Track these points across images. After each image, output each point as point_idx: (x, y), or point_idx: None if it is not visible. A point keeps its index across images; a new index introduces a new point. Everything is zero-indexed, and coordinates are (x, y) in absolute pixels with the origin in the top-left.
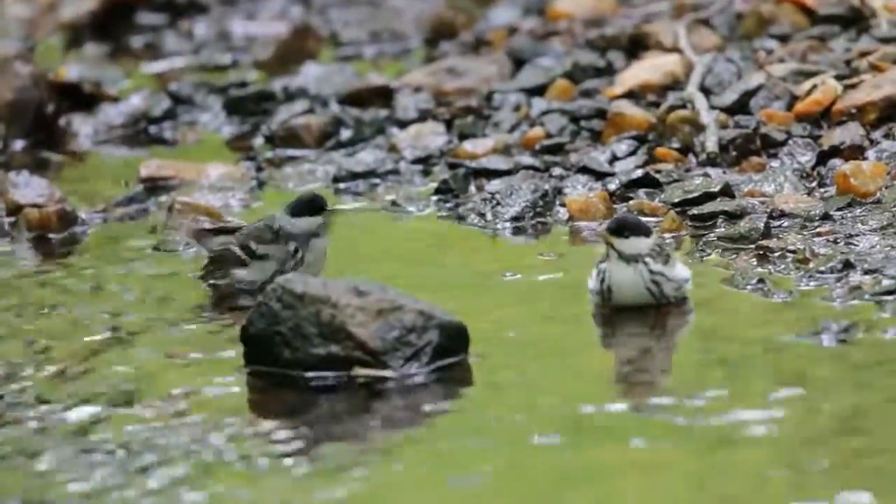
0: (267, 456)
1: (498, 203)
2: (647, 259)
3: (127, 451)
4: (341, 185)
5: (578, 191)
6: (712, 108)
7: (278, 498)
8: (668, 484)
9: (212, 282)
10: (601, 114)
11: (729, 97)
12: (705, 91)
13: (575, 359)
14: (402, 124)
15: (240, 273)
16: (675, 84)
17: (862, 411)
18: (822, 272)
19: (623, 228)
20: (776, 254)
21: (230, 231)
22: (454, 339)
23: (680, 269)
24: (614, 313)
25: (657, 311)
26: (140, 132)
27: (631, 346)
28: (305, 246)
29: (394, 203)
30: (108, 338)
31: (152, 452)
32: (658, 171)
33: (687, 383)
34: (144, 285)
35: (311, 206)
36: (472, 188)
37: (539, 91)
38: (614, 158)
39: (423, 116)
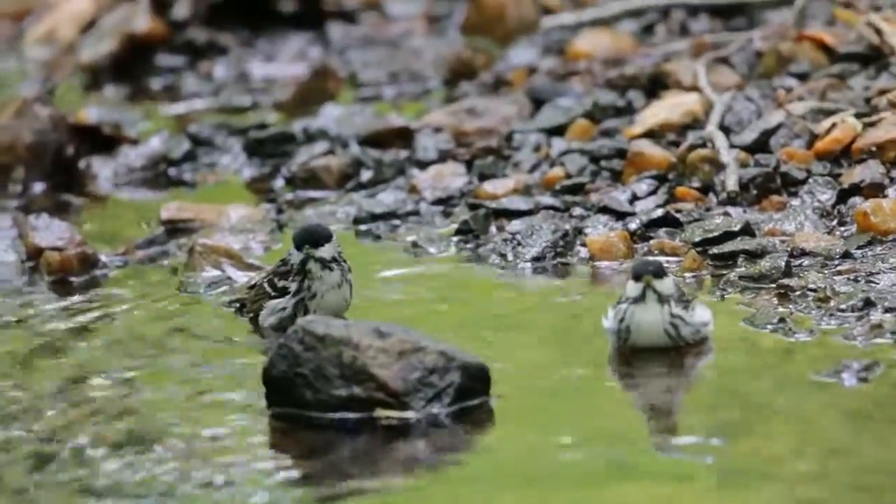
0: (289, 498)
1: (518, 243)
2: (672, 301)
3: (149, 491)
4: (362, 227)
5: (599, 231)
6: (732, 146)
7: None
8: None
9: (249, 314)
10: (621, 153)
11: (749, 136)
12: (725, 130)
13: (596, 399)
14: (423, 165)
15: (266, 309)
16: (695, 123)
17: (885, 450)
18: (842, 311)
19: (661, 270)
20: (797, 293)
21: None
22: (476, 381)
23: (700, 313)
24: (634, 354)
25: (677, 351)
26: (160, 174)
27: (652, 386)
28: (303, 278)
29: (414, 244)
30: (130, 379)
31: (174, 495)
32: (678, 211)
33: (708, 423)
34: (166, 327)
35: (296, 239)
36: (493, 229)
37: (559, 131)
38: (635, 198)
39: (443, 157)
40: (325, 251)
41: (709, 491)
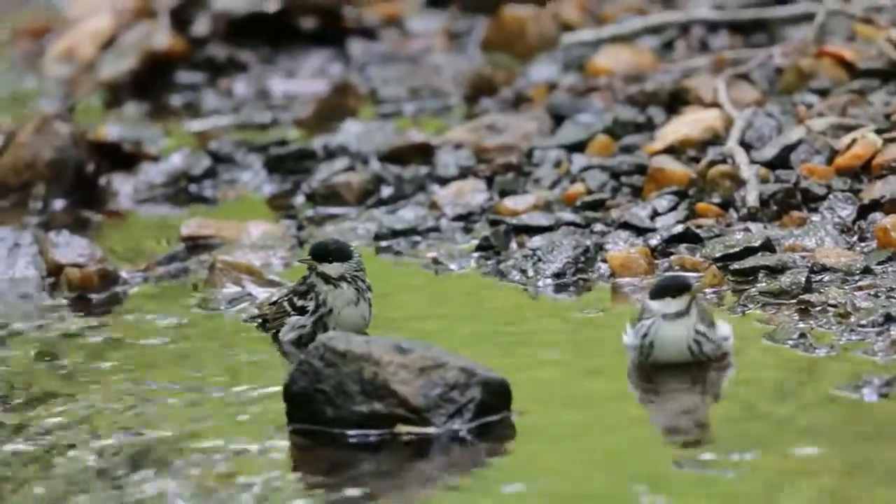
0: None
1: (539, 259)
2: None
3: None
4: (382, 243)
5: (620, 246)
6: (753, 162)
7: None
8: None
9: (270, 330)
10: (641, 169)
11: (769, 152)
12: (746, 146)
13: (617, 415)
14: (443, 181)
15: (287, 326)
16: (716, 139)
17: None
18: (863, 326)
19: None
20: (817, 308)
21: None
22: (497, 396)
23: (721, 329)
24: (655, 369)
25: (698, 366)
26: (180, 191)
27: (673, 402)
28: (328, 296)
29: (435, 260)
30: (150, 396)
31: None
32: (699, 227)
33: (729, 439)
34: (186, 344)
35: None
36: (514, 245)
37: (579, 147)
38: (655, 214)
39: (464, 173)
40: (332, 269)
41: None
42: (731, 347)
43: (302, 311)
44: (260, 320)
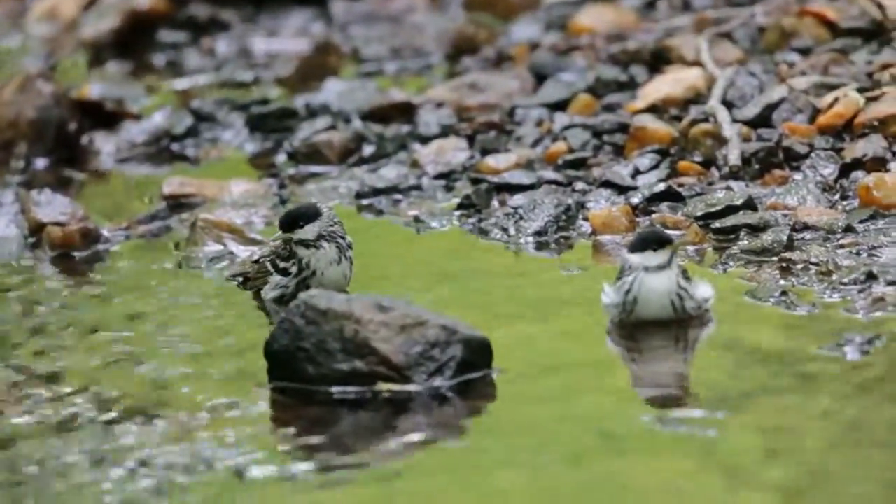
0: (290, 470)
1: (521, 218)
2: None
3: (148, 465)
4: (364, 201)
5: (601, 205)
6: (735, 121)
7: None
8: (697, 498)
9: (251, 289)
10: (623, 128)
11: (751, 110)
12: (728, 104)
13: (598, 372)
14: (425, 140)
15: (269, 284)
16: (698, 98)
17: (887, 423)
18: (845, 284)
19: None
20: (799, 266)
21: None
22: (477, 354)
23: (702, 289)
24: (636, 327)
25: (679, 324)
26: (162, 150)
27: (654, 360)
28: (311, 259)
29: (416, 219)
30: (131, 353)
31: (174, 467)
32: (681, 185)
33: (710, 397)
34: (167, 301)
35: (280, 221)
36: (495, 203)
37: (561, 106)
38: (637, 172)
39: (446, 132)
40: (306, 232)
41: (712, 465)
42: (711, 307)
43: (285, 272)
44: (241, 278)
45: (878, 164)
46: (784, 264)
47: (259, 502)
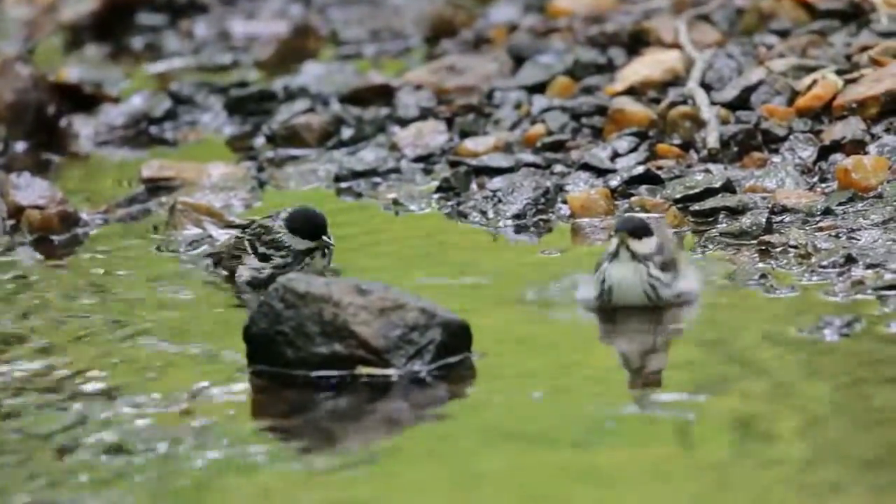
0: (269, 455)
1: (499, 201)
2: (649, 262)
3: (127, 449)
4: (343, 185)
5: (580, 188)
6: (713, 103)
7: (280, 497)
8: (675, 482)
9: (224, 269)
10: (602, 111)
11: (730, 93)
12: (706, 87)
13: (578, 357)
14: (403, 123)
15: (242, 268)
16: (676, 80)
17: (865, 405)
18: (824, 267)
19: (643, 230)
20: (778, 249)
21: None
22: (457, 338)
23: (687, 282)
24: (616, 311)
25: (658, 309)
26: (141, 133)
27: (634, 344)
28: (300, 259)
29: (395, 202)
30: (109, 337)
31: (153, 450)
32: (659, 168)
33: (688, 380)
34: (146, 285)
35: (307, 229)
36: (474, 186)
37: (540, 88)
38: (615, 155)
39: (424, 115)
40: (300, 242)
41: (694, 448)
42: (696, 298)
43: (264, 257)
44: (215, 259)
45: (857, 146)
46: (763, 247)
47: (238, 486)
